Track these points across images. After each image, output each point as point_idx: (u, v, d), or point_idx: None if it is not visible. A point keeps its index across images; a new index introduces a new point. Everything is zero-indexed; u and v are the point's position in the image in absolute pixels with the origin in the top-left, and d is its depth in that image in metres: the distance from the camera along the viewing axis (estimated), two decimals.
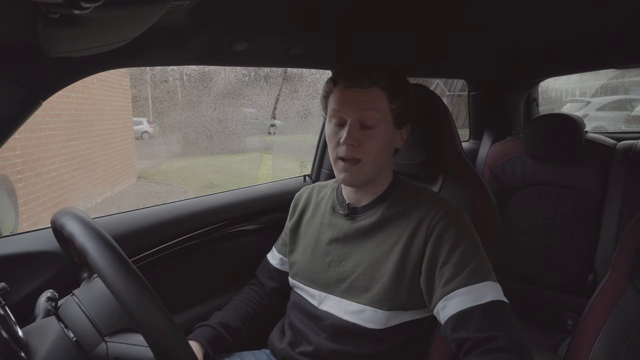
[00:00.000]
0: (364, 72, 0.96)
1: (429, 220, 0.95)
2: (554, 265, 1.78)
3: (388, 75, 0.98)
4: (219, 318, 1.11)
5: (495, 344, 0.80)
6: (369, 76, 0.96)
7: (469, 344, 0.83)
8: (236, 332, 1.10)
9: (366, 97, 0.96)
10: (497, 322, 0.83)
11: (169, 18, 0.69)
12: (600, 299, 0.98)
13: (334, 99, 0.99)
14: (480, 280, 0.87)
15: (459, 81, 3.69)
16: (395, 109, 0.98)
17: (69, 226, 0.70)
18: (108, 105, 5.19)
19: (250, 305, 1.17)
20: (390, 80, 0.98)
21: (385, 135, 0.98)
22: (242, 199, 1.49)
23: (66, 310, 0.78)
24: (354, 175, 0.98)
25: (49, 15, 0.49)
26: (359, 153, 0.96)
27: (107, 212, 1.32)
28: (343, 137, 0.95)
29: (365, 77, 0.96)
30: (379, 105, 0.96)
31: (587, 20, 1.24)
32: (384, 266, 0.96)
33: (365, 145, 0.96)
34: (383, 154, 0.99)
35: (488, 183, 1.38)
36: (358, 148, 0.96)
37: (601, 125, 5.69)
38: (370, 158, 0.97)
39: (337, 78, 0.99)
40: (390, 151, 1.04)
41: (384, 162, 1.01)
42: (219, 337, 1.07)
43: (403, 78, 1.03)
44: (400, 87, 0.99)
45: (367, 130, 0.96)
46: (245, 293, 1.21)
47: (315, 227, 1.10)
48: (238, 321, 1.12)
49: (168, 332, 0.62)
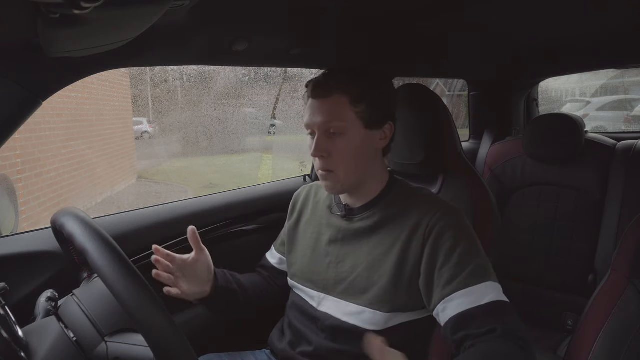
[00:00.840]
0: (326, 80, 0.96)
1: (427, 221, 0.94)
2: (554, 265, 1.78)
3: (350, 79, 0.96)
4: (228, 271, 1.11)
5: (494, 334, 0.80)
6: (328, 83, 0.95)
7: (468, 341, 0.83)
8: (243, 286, 1.11)
9: (328, 106, 0.95)
10: (498, 318, 0.83)
11: (169, 18, 0.69)
12: (600, 299, 0.98)
13: (305, 111, 1.00)
14: (479, 281, 0.87)
15: (459, 81, 3.69)
16: (362, 111, 0.96)
17: (69, 226, 0.71)
18: (108, 105, 5.20)
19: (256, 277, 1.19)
20: (353, 83, 0.96)
21: (356, 140, 0.96)
22: (242, 199, 1.49)
23: (66, 310, 0.78)
24: (331, 184, 0.99)
25: (49, 15, 0.49)
26: (329, 164, 0.96)
27: (107, 212, 1.32)
28: (312, 149, 0.96)
29: (325, 86, 0.95)
30: (341, 113, 0.95)
31: (587, 20, 1.24)
32: (382, 268, 0.96)
33: (335, 155, 0.96)
34: (359, 160, 0.98)
35: (488, 183, 1.39)
36: (328, 159, 0.96)
37: (601, 125, 5.69)
38: (342, 167, 0.96)
39: (308, 89, 0.99)
40: (370, 154, 1.00)
41: (364, 166, 1.00)
42: (227, 278, 1.07)
43: (372, 77, 1.00)
44: (365, 88, 0.96)
45: (335, 139, 0.96)
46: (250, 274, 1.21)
47: (315, 228, 1.10)
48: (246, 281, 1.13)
49: (168, 332, 0.62)
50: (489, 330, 0.81)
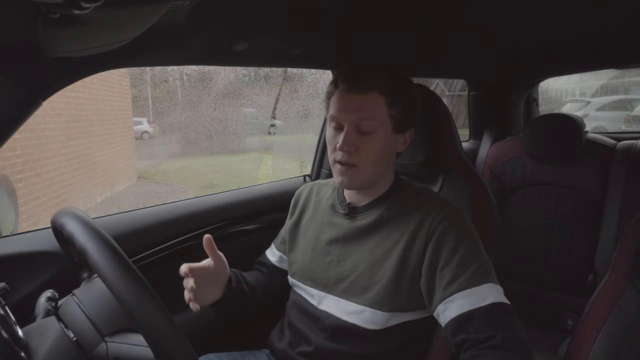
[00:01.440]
0: (363, 75, 0.94)
1: (430, 222, 0.94)
2: (554, 265, 1.77)
3: (388, 79, 0.95)
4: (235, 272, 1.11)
5: (492, 342, 0.80)
6: (367, 80, 0.94)
7: (467, 344, 0.83)
8: (251, 286, 1.10)
9: (363, 103, 0.94)
10: (497, 323, 0.83)
11: (169, 18, 0.69)
12: (600, 299, 0.98)
13: (334, 102, 0.98)
14: (480, 282, 0.86)
15: (459, 81, 3.69)
16: (395, 114, 0.96)
17: (69, 226, 0.71)
18: (108, 105, 5.19)
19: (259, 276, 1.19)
20: (390, 84, 0.95)
21: (383, 141, 0.96)
22: (242, 199, 1.49)
23: (66, 310, 0.78)
24: (351, 179, 0.98)
25: (49, 15, 0.49)
26: (355, 159, 0.95)
27: (107, 212, 1.32)
28: (339, 142, 0.95)
29: (363, 82, 0.94)
30: (376, 112, 0.94)
31: (587, 20, 1.24)
32: (383, 267, 0.96)
33: (362, 151, 0.95)
34: (381, 160, 0.98)
35: (488, 183, 1.39)
36: (354, 154, 0.95)
37: (601, 125, 5.69)
38: (366, 164, 0.96)
39: (337, 80, 0.98)
40: (390, 156, 1.02)
41: (383, 166, 1.00)
42: (238, 279, 1.07)
43: (405, 81, 1.00)
44: (400, 91, 0.97)
45: (364, 136, 0.95)
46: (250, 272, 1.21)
47: (316, 226, 1.10)
48: (252, 280, 1.13)
49: (168, 332, 0.62)
50: (488, 337, 0.81)
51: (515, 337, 0.81)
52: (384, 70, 0.97)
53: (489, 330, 0.82)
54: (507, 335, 0.81)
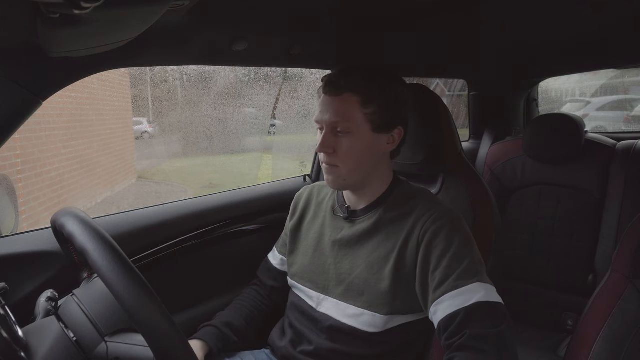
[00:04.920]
0: (338, 77, 0.95)
1: (422, 224, 0.94)
2: (554, 265, 1.77)
3: (363, 79, 0.95)
4: (222, 318, 1.11)
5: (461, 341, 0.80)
6: (340, 82, 0.94)
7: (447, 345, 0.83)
8: (241, 332, 1.10)
9: (338, 104, 0.95)
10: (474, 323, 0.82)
11: (169, 18, 0.69)
12: (600, 299, 0.98)
13: (318, 105, 1.00)
14: (467, 282, 0.85)
15: (459, 81, 3.69)
16: (371, 113, 0.95)
17: (69, 226, 0.70)
18: (108, 105, 5.19)
19: (254, 304, 1.18)
20: (365, 84, 0.94)
21: (361, 141, 0.95)
22: (242, 199, 1.49)
23: (66, 310, 0.78)
24: (334, 178, 0.99)
25: (49, 15, 0.49)
26: (334, 159, 0.97)
27: (107, 212, 1.32)
28: (317, 144, 0.97)
29: (337, 84, 0.95)
30: (350, 113, 0.94)
31: (587, 20, 1.24)
32: (380, 270, 0.96)
33: (339, 152, 0.96)
34: (364, 160, 0.97)
35: (488, 183, 1.39)
36: (333, 155, 0.96)
37: (601, 125, 5.68)
38: (347, 165, 0.96)
39: (322, 84, 0.99)
40: (375, 156, 0.99)
41: (369, 167, 0.99)
42: (224, 336, 1.07)
43: (384, 80, 0.98)
44: (376, 90, 0.95)
45: (341, 137, 0.95)
46: (247, 293, 1.21)
47: (317, 229, 1.10)
48: (242, 320, 1.12)
49: (168, 332, 0.62)
50: (460, 337, 0.81)
51: (486, 336, 0.80)
52: (360, 70, 0.97)
53: (463, 330, 0.81)
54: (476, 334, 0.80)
